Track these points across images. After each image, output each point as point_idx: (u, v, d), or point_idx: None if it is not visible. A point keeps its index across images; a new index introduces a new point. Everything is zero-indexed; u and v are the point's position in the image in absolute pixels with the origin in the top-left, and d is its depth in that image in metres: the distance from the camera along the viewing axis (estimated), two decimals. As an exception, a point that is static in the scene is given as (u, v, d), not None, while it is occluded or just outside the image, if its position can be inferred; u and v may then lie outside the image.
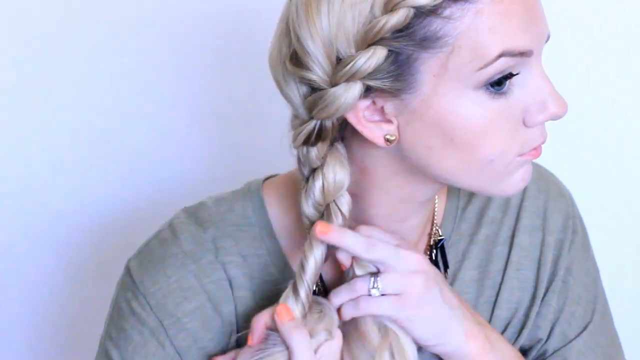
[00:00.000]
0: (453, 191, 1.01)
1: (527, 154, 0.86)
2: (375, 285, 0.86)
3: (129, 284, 0.94)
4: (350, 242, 0.86)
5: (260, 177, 1.00)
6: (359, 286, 0.87)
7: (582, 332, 0.99)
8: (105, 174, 1.38)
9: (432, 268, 0.89)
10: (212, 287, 0.93)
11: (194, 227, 0.95)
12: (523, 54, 0.81)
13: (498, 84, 0.81)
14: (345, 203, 0.87)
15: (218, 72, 1.36)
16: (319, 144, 0.85)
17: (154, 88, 1.36)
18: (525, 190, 1.00)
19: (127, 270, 0.95)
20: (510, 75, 0.81)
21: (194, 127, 1.38)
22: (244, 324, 0.93)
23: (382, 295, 0.87)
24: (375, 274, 0.87)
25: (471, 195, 1.00)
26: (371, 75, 0.81)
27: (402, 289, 0.87)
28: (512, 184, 0.87)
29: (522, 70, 0.82)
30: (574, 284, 0.99)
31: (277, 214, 0.96)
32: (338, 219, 0.86)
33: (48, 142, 1.36)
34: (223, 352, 0.93)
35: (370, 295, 0.87)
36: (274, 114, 0.89)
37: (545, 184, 1.02)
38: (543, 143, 0.87)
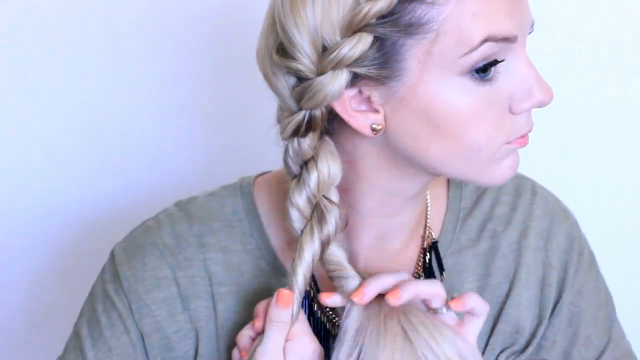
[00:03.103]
0: (454, 202, 1.01)
1: (514, 142, 0.86)
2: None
3: (109, 266, 0.97)
4: (425, 288, 0.86)
5: (254, 174, 1.01)
6: (440, 289, 0.86)
7: (602, 354, 0.99)
8: (100, 173, 1.38)
9: None
10: (184, 282, 0.94)
11: (180, 221, 0.97)
12: (507, 40, 0.81)
13: (483, 70, 0.82)
14: (334, 194, 0.87)
15: (214, 71, 1.37)
16: (310, 135, 0.85)
17: (149, 88, 1.37)
18: (531, 210, 1.01)
19: (111, 254, 0.98)
20: (495, 62, 0.82)
21: (190, 126, 1.39)
22: (223, 318, 0.95)
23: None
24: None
25: (473, 207, 1.01)
26: (357, 62, 0.81)
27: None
28: (499, 173, 0.87)
29: (506, 57, 0.83)
30: (586, 307, 1.00)
31: (266, 210, 0.97)
32: (331, 212, 0.86)
33: (44, 141, 1.36)
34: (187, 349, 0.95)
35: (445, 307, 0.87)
36: (270, 112, 0.90)
37: (551, 207, 1.02)
38: (530, 131, 0.87)
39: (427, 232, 0.98)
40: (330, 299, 0.87)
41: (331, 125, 0.87)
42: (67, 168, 1.37)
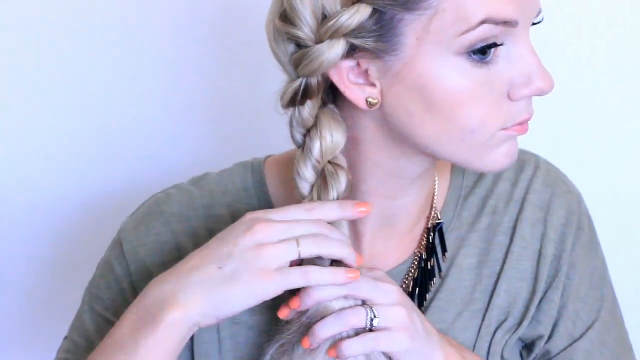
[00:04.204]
0: (456, 178, 1.01)
1: (512, 128, 0.86)
2: (375, 316, 0.85)
3: (116, 236, 0.99)
4: (329, 280, 0.84)
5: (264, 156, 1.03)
6: (354, 319, 0.85)
7: (587, 330, 0.98)
8: (103, 173, 1.40)
9: (406, 296, 0.89)
10: (189, 248, 0.95)
11: (190, 194, 0.99)
12: (507, 24, 0.81)
13: (482, 52, 0.82)
14: (341, 159, 0.88)
15: (217, 71, 1.38)
16: (308, 103, 0.86)
17: (152, 87, 1.39)
18: (531, 184, 1.00)
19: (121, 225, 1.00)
20: (494, 45, 0.82)
21: (193, 125, 1.40)
22: None
23: (379, 329, 0.85)
24: (365, 304, 0.86)
25: (475, 184, 1.00)
26: (355, 32, 0.82)
27: (391, 324, 0.86)
28: (495, 159, 0.87)
29: (507, 42, 0.83)
30: (579, 282, 0.98)
31: (275, 188, 0.98)
32: (335, 177, 0.86)
33: (46, 139, 1.39)
34: None
35: (371, 327, 0.85)
36: (273, 111, 0.90)
37: (552, 180, 1.01)
38: (529, 119, 0.87)
39: (432, 213, 0.99)
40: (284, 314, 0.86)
41: (333, 99, 0.89)
42: (71, 168, 1.39)
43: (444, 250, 0.98)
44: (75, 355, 0.96)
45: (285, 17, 0.85)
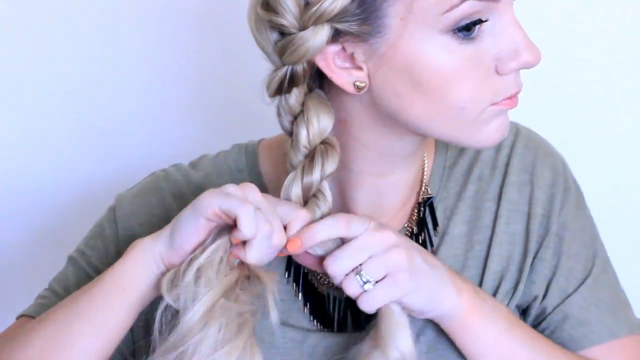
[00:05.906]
0: (440, 150, 1.01)
1: (501, 103, 0.86)
2: (365, 280, 0.85)
3: (111, 204, 1.02)
4: (330, 230, 0.85)
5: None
6: (351, 289, 0.85)
7: (580, 286, 0.98)
8: (100, 172, 1.41)
9: (403, 237, 0.88)
10: None
11: (187, 173, 1.01)
12: None
13: (466, 29, 0.82)
14: (336, 144, 0.87)
15: (216, 70, 1.38)
16: (294, 90, 0.86)
17: (151, 88, 1.39)
18: (512, 148, 1.00)
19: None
20: (479, 22, 0.82)
21: (191, 125, 1.41)
22: None
23: (376, 282, 0.85)
24: (355, 268, 0.85)
25: (459, 154, 1.01)
26: (338, 17, 0.82)
27: (389, 269, 0.85)
28: (486, 135, 0.87)
29: (491, 17, 0.83)
30: (569, 239, 0.99)
31: (268, 168, 1.00)
32: (328, 156, 0.86)
33: (43, 137, 1.39)
34: None
35: (365, 291, 0.85)
36: (272, 113, 0.90)
37: (533, 144, 1.01)
38: (518, 93, 0.87)
39: (422, 188, 0.99)
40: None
41: (320, 84, 0.88)
42: (69, 167, 1.40)
43: (435, 224, 0.98)
44: (50, 300, 0.97)
45: (267, 5, 0.84)
